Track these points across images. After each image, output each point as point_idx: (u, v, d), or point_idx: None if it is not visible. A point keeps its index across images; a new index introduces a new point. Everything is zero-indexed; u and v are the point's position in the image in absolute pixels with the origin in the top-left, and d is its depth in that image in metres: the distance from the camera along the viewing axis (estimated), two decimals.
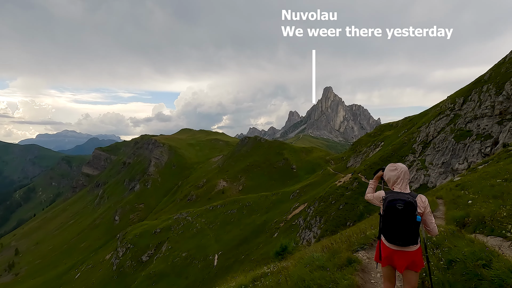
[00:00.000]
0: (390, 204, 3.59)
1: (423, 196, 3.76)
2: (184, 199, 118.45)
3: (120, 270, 72.69)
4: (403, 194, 3.66)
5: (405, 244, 3.60)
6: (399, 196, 3.61)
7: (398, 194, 3.66)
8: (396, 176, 3.79)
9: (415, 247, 3.64)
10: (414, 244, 3.61)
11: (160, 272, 60.46)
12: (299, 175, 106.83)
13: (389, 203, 3.60)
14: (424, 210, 3.67)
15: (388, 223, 3.63)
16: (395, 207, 3.54)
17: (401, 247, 3.64)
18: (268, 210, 67.02)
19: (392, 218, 3.58)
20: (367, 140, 78.23)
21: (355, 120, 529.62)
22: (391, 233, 3.64)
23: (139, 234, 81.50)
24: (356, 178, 41.00)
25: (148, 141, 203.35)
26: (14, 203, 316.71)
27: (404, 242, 3.59)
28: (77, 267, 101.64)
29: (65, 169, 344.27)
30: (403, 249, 3.64)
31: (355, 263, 5.52)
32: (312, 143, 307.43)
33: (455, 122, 34.28)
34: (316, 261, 5.82)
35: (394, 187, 3.83)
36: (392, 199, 3.61)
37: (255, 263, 40.62)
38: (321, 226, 36.03)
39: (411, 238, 3.57)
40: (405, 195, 3.62)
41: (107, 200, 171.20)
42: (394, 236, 3.62)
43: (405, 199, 3.55)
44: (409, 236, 3.56)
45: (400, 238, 3.59)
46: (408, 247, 3.62)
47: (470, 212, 8.32)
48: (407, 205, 3.51)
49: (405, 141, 43.09)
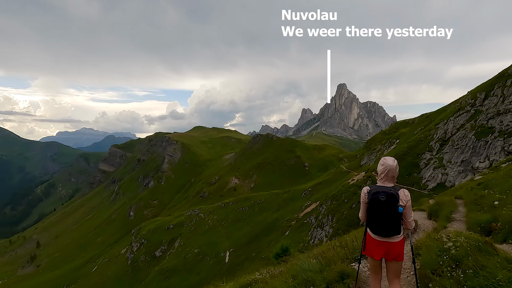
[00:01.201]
0: (374, 197, 3.80)
1: (406, 191, 3.92)
2: (196, 195, 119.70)
3: (134, 264, 74.30)
4: (386, 187, 3.86)
5: (389, 235, 3.79)
6: (382, 189, 3.82)
7: (381, 187, 3.87)
8: (381, 171, 3.99)
9: (398, 238, 3.83)
10: (397, 235, 3.80)
11: (173, 267, 61.29)
12: (311, 173, 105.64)
13: (373, 195, 3.82)
14: (405, 204, 3.83)
15: (372, 215, 3.85)
16: (378, 198, 3.76)
17: (385, 237, 3.83)
18: (279, 208, 66.60)
19: (376, 209, 3.80)
20: (382, 138, 76.20)
21: (369, 117, 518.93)
22: (375, 224, 3.86)
23: (153, 229, 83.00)
24: (370, 177, 39.90)
25: (162, 138, 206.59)
26: (36, 198, 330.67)
27: (387, 233, 3.78)
28: (94, 260, 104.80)
29: (83, 166, 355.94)
30: (387, 239, 3.83)
31: (348, 279, 4.71)
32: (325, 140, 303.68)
33: (476, 118, 32.62)
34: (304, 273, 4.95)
35: (378, 181, 4.07)
36: (376, 191, 3.83)
37: (265, 261, 40.43)
38: (333, 225, 35.31)
39: (394, 229, 3.76)
40: (388, 188, 3.83)
41: (122, 196, 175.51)
42: (378, 226, 3.83)
43: (388, 191, 3.77)
44: (392, 226, 3.75)
45: (383, 228, 3.79)
46: (392, 237, 3.81)
47: (499, 216, 6.98)
48: (389, 197, 3.72)
49: (421, 139, 41.50)
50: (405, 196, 3.84)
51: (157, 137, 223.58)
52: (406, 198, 3.83)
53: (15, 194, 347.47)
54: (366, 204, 3.97)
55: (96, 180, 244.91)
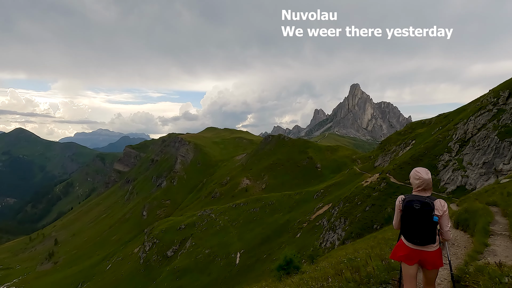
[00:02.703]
0: (408, 204, 3.86)
1: (443, 201, 3.95)
2: (208, 196, 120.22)
3: (146, 263, 75.21)
4: (421, 196, 3.91)
5: (423, 243, 3.82)
6: (416, 198, 3.88)
7: (416, 196, 3.93)
8: (417, 184, 4.02)
9: (433, 247, 3.84)
10: (432, 244, 3.82)
11: (184, 267, 61.54)
12: (324, 174, 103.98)
13: (407, 203, 3.88)
14: (442, 214, 3.87)
15: (406, 222, 3.91)
16: (412, 206, 3.81)
17: (419, 246, 3.85)
18: (291, 210, 65.75)
19: (410, 217, 3.85)
20: (397, 139, 74.00)
21: (383, 118, 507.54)
22: (409, 232, 3.90)
23: (165, 229, 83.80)
24: (384, 178, 38.56)
25: (175, 139, 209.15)
26: (55, 196, 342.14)
27: (421, 241, 3.81)
28: (108, 258, 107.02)
29: (99, 166, 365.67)
30: (421, 248, 3.85)
31: None
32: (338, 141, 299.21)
33: (499, 117, 30.89)
34: None
35: (413, 191, 4.08)
36: (410, 199, 3.89)
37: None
38: (346, 228, 34.29)
39: (429, 237, 3.79)
40: (423, 197, 3.87)
41: (136, 195, 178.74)
42: (412, 234, 3.87)
43: (422, 200, 3.82)
44: (426, 235, 3.78)
45: (417, 236, 3.82)
46: (427, 246, 3.83)
47: None
48: (424, 205, 3.77)
49: (439, 139, 39.79)
50: (442, 206, 3.89)
51: (170, 137, 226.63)
52: (442, 208, 3.88)
53: (36, 192, 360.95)
54: (400, 212, 4.01)
55: (111, 180, 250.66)
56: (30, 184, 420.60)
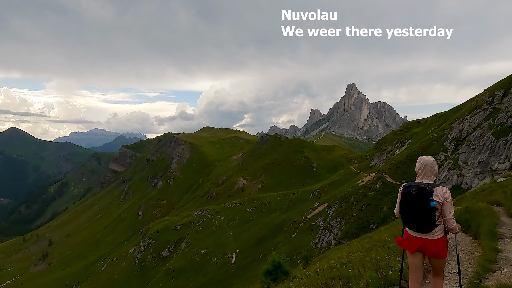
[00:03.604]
0: (405, 190, 3.84)
1: (445, 188, 3.82)
2: (204, 196, 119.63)
3: (142, 264, 74.52)
4: (420, 182, 3.89)
5: (422, 230, 3.75)
6: (414, 184, 3.87)
7: (415, 182, 3.92)
8: (418, 167, 4.03)
9: (436, 235, 3.74)
10: (431, 231, 3.72)
11: (180, 268, 61.07)
12: (320, 174, 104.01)
13: (405, 189, 3.88)
14: (443, 200, 3.73)
15: (404, 208, 3.87)
16: (410, 192, 3.78)
17: (419, 233, 3.79)
18: (287, 209, 65.55)
19: (407, 202, 3.81)
20: (393, 138, 74.16)
21: (379, 118, 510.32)
22: (406, 217, 3.87)
23: (160, 229, 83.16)
24: (380, 178, 38.48)
25: (171, 139, 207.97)
26: (50, 196, 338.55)
27: (419, 227, 3.75)
28: (103, 259, 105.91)
29: (94, 166, 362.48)
30: (422, 235, 3.77)
31: None
32: (334, 141, 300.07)
33: (494, 117, 30.90)
34: None
35: (416, 178, 4.07)
36: (408, 185, 3.88)
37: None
38: (342, 228, 34.12)
39: (426, 224, 3.70)
40: (420, 183, 3.83)
41: (131, 195, 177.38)
42: (409, 220, 3.83)
43: (419, 185, 3.78)
44: (423, 221, 3.70)
45: (414, 222, 3.78)
46: (428, 234, 3.74)
47: None
48: (420, 190, 3.72)
49: (435, 138, 39.81)
50: (443, 193, 3.75)
51: (166, 137, 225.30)
52: (443, 195, 3.74)
53: (30, 193, 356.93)
54: (400, 197, 3.96)
55: (107, 180, 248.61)
56: (24, 184, 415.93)
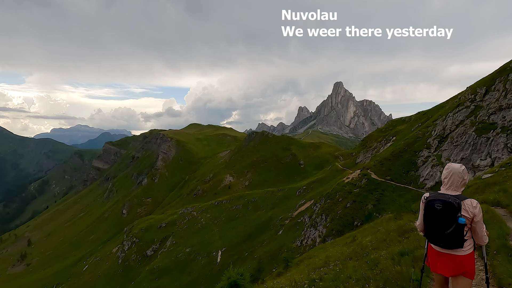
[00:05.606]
0: (429, 204, 3.50)
1: (475, 201, 3.40)
2: (190, 193, 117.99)
3: (125, 263, 72.70)
4: (446, 195, 3.47)
5: (448, 247, 3.43)
6: (439, 197, 3.46)
7: (440, 194, 3.52)
8: (445, 175, 3.65)
9: (464, 251, 3.42)
10: (460, 248, 3.40)
11: (164, 267, 59.83)
12: (307, 171, 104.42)
13: (428, 203, 3.52)
14: (472, 216, 3.36)
15: (428, 224, 3.54)
16: (434, 207, 3.43)
17: (445, 249, 3.49)
18: (273, 206, 65.23)
19: (431, 218, 3.48)
20: (378, 135, 74.99)
21: (365, 116, 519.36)
22: (431, 234, 3.55)
23: (145, 228, 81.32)
24: (366, 175, 38.49)
25: (156, 135, 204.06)
26: (29, 195, 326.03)
27: (445, 244, 3.43)
28: (85, 259, 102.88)
29: (77, 163, 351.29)
30: (449, 252, 3.47)
31: None
32: (321, 139, 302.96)
33: (476, 114, 31.30)
34: None
35: (442, 188, 3.70)
36: (432, 199, 3.50)
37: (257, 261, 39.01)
38: (327, 225, 33.91)
39: (454, 241, 3.37)
40: (447, 196, 3.43)
41: (116, 193, 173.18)
42: (435, 237, 3.51)
43: (445, 200, 3.37)
44: (450, 238, 3.36)
45: (440, 239, 3.45)
46: (454, 250, 3.43)
47: None
48: (446, 206, 3.34)
49: (419, 135, 40.17)
50: (473, 207, 3.37)
51: (152, 134, 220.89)
52: (473, 210, 3.36)
53: (9, 191, 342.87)
54: (423, 211, 3.63)
55: (90, 178, 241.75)
56: (2, 183, 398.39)
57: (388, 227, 9.68)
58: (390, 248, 6.23)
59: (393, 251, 5.80)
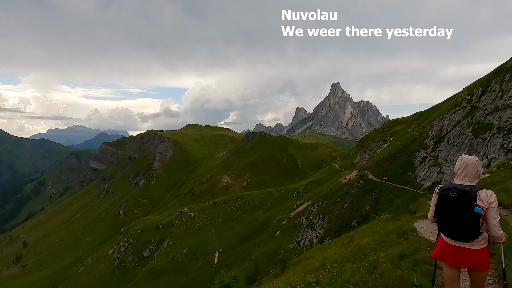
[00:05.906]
0: (443, 193, 3.38)
1: (490, 191, 3.36)
2: (188, 194, 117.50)
3: (121, 265, 72.16)
4: (460, 184, 3.41)
5: (463, 238, 3.33)
6: (454, 186, 3.38)
7: (454, 184, 3.45)
8: (458, 167, 3.58)
9: (479, 245, 3.35)
10: (475, 239, 3.32)
11: (161, 268, 59.46)
12: (304, 171, 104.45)
13: (442, 191, 3.41)
14: (488, 205, 3.30)
15: (441, 214, 3.41)
16: (449, 195, 3.32)
17: (460, 242, 3.39)
18: (271, 207, 65.11)
19: (445, 207, 3.35)
20: (375, 136, 75.20)
21: (363, 116, 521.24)
22: (445, 224, 3.42)
23: (142, 229, 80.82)
24: (363, 175, 38.50)
25: (154, 136, 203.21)
26: (25, 196, 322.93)
27: (460, 235, 3.32)
28: (81, 260, 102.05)
29: (74, 164, 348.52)
30: (463, 245, 3.38)
31: None
32: (318, 139, 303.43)
33: (473, 114, 31.43)
34: None
35: (455, 179, 3.63)
36: (446, 188, 3.41)
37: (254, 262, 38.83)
38: (324, 226, 33.85)
39: (469, 231, 3.26)
40: (462, 186, 3.36)
41: (112, 194, 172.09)
42: (449, 227, 3.38)
43: (461, 188, 3.30)
44: (466, 228, 3.26)
45: (454, 229, 3.33)
46: (470, 243, 3.35)
47: None
48: (462, 193, 3.25)
49: (416, 136, 40.29)
50: (488, 197, 3.31)
51: (149, 134, 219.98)
52: (488, 199, 3.30)
53: (4, 192, 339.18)
54: (435, 202, 3.51)
55: (87, 178, 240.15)
56: None
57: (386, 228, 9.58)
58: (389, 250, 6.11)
59: (392, 253, 5.68)
